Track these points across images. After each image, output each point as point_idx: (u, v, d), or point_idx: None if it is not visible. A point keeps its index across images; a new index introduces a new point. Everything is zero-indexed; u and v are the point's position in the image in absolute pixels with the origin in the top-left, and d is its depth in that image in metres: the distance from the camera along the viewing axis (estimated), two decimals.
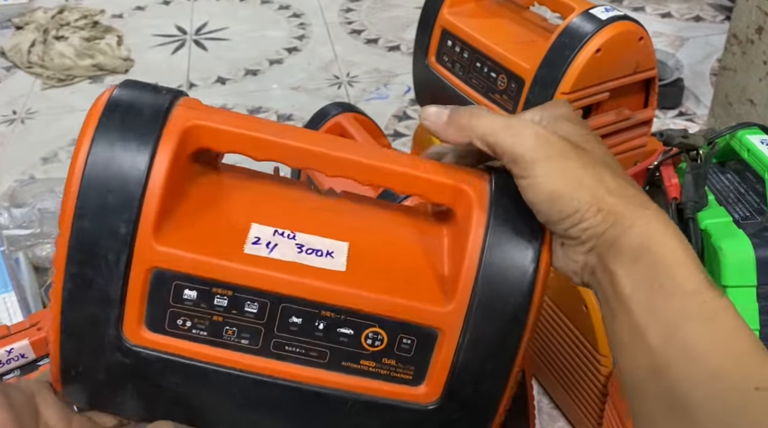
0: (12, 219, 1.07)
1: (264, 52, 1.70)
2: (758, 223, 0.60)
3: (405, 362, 0.40)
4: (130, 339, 0.38)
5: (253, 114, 1.47)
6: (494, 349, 0.39)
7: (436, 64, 0.92)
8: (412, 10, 1.84)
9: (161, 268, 0.37)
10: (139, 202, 0.36)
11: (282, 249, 0.39)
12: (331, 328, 0.39)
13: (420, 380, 0.40)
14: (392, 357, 0.39)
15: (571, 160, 0.36)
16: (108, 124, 0.37)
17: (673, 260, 0.34)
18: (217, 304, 0.38)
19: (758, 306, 0.58)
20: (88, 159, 0.37)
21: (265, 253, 0.39)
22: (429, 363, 0.40)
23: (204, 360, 0.38)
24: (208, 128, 0.39)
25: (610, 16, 0.75)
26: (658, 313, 0.34)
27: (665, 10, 1.80)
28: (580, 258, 0.38)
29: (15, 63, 1.69)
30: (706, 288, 0.34)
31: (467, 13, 0.90)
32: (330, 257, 0.40)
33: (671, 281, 0.34)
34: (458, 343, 0.39)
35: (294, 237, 0.40)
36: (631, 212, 0.35)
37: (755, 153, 0.62)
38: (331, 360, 0.39)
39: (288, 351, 0.39)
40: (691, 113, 1.39)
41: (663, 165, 0.65)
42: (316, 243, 0.40)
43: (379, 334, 0.39)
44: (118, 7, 1.93)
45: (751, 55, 1.14)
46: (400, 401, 0.40)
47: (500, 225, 0.39)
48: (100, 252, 0.36)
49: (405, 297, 0.39)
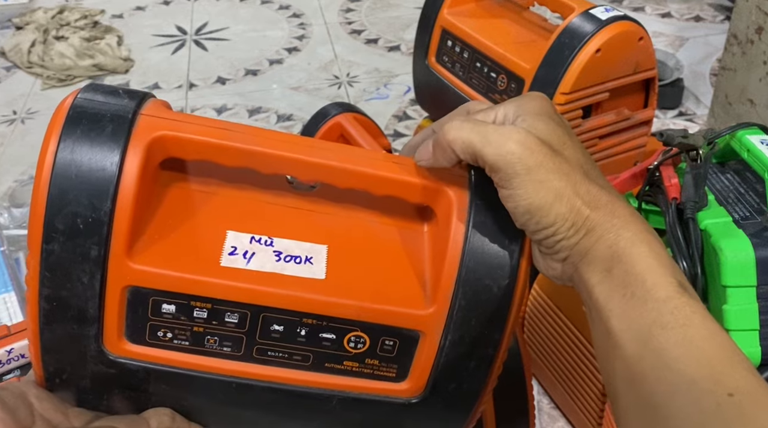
0: (12, 219, 1.07)
1: (264, 52, 1.70)
2: (758, 223, 0.60)
3: (388, 361, 0.40)
4: (111, 352, 0.37)
5: (253, 114, 1.47)
6: (475, 348, 0.39)
7: (436, 64, 0.92)
8: (412, 10, 1.84)
9: (137, 286, 0.36)
10: (109, 222, 0.35)
11: (260, 259, 0.38)
12: (313, 334, 0.39)
13: (403, 377, 0.40)
14: (375, 358, 0.40)
15: (550, 171, 0.36)
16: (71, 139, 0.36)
17: (643, 267, 0.34)
18: (197, 316, 0.38)
19: (758, 306, 0.58)
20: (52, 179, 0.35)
21: (243, 265, 0.38)
22: (411, 361, 0.40)
23: (187, 368, 0.38)
24: (175, 138, 0.37)
25: (609, 16, 0.75)
26: (632, 322, 0.34)
27: (665, 10, 1.80)
28: (557, 265, 0.38)
29: (15, 63, 1.69)
30: (678, 294, 0.34)
31: (467, 14, 0.90)
32: (309, 263, 0.39)
33: (642, 289, 0.34)
34: (440, 344, 0.39)
35: (271, 243, 0.39)
36: (603, 223, 0.36)
37: (755, 153, 0.62)
38: (314, 362, 0.39)
39: (271, 356, 0.39)
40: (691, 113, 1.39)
41: (663, 165, 0.65)
42: (294, 249, 0.39)
43: (361, 338, 0.39)
44: (118, 8, 1.93)
45: (751, 55, 1.14)
46: (383, 396, 0.41)
47: (480, 228, 0.39)
48: (72, 275, 0.36)
49: (386, 301, 0.39)
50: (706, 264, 0.60)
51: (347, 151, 0.40)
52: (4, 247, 0.95)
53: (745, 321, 0.58)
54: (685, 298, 0.34)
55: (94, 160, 0.35)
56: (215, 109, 1.49)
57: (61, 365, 0.38)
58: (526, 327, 0.84)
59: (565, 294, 0.72)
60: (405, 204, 0.41)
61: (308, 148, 0.39)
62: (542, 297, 0.78)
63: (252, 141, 0.38)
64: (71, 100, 0.37)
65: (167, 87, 1.58)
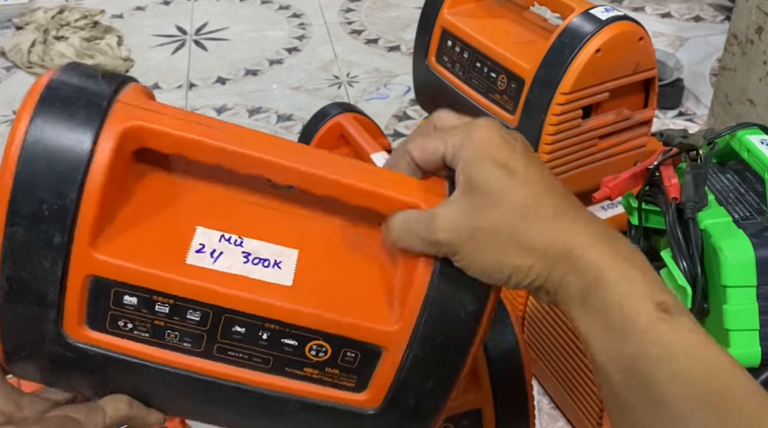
0: None
1: (264, 52, 1.70)
2: (758, 223, 0.60)
3: (348, 372, 0.39)
4: (71, 336, 0.37)
5: (253, 114, 1.47)
6: (436, 369, 0.39)
7: (436, 64, 0.92)
8: (412, 10, 1.84)
9: (99, 276, 0.36)
10: (75, 210, 0.34)
11: (227, 259, 0.37)
12: (275, 339, 0.38)
13: (362, 388, 0.40)
14: (336, 367, 0.39)
15: (488, 237, 0.35)
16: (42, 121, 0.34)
17: (618, 295, 0.34)
18: (158, 311, 0.37)
19: (758, 306, 0.58)
20: (20, 160, 0.34)
21: (209, 264, 0.37)
22: (372, 374, 0.39)
23: (145, 359, 0.38)
24: (149, 130, 0.36)
25: (609, 16, 0.75)
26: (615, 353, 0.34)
27: (665, 10, 1.80)
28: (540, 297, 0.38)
29: (15, 63, 1.69)
30: (659, 320, 0.33)
31: (467, 14, 0.90)
32: (277, 268, 0.38)
33: (621, 320, 0.33)
34: (402, 361, 0.39)
35: (241, 243, 0.38)
36: (561, 258, 0.35)
37: (755, 153, 0.62)
38: (274, 365, 0.39)
39: (231, 355, 0.38)
40: (691, 113, 1.39)
41: (663, 165, 0.65)
42: (263, 251, 0.38)
43: (323, 347, 0.39)
44: (118, 8, 1.93)
45: (750, 55, 1.15)
46: (341, 405, 0.40)
47: None
48: (34, 259, 0.35)
49: (351, 314, 0.38)
50: (706, 264, 0.60)
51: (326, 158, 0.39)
52: None
53: (745, 321, 0.57)
54: (666, 325, 0.33)
55: (64, 145, 0.34)
56: (215, 109, 1.49)
57: (20, 343, 0.37)
58: (526, 327, 0.84)
59: None
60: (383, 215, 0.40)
61: (285, 151, 0.38)
62: None
63: (228, 139, 0.37)
64: (46, 80, 0.35)
65: (167, 87, 1.58)
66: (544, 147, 0.77)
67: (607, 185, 0.69)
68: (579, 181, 0.82)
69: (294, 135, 1.38)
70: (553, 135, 0.76)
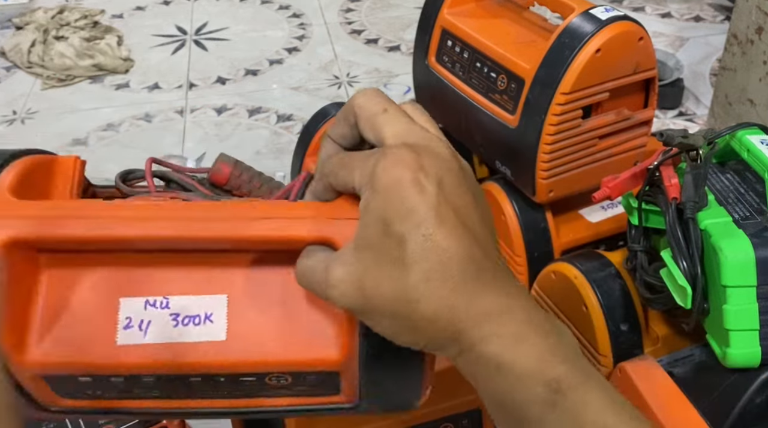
0: None
1: (264, 52, 1.70)
2: (758, 223, 0.60)
3: (316, 386, 0.40)
4: (49, 406, 0.39)
5: (253, 114, 1.47)
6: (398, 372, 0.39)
7: (436, 65, 0.92)
8: (412, 10, 1.84)
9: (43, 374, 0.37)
10: None
11: (156, 328, 0.37)
12: (233, 379, 0.38)
13: (336, 392, 0.40)
14: (303, 385, 0.39)
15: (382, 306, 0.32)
16: None
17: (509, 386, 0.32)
18: (113, 383, 0.37)
19: (758, 306, 0.58)
20: None
21: (140, 339, 0.36)
22: (339, 385, 0.40)
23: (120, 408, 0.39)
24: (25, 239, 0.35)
25: (609, 16, 0.75)
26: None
27: (665, 10, 1.80)
28: None
29: (15, 63, 1.69)
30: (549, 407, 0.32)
31: (467, 14, 0.90)
32: (209, 322, 0.37)
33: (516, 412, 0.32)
34: (359, 376, 0.38)
35: (167, 305, 0.37)
36: (453, 341, 0.33)
37: (755, 153, 0.62)
38: (243, 393, 0.39)
39: (201, 395, 0.39)
40: (691, 113, 1.39)
41: (663, 165, 0.65)
42: (192, 307, 0.37)
43: (282, 376, 0.39)
44: (118, 8, 1.93)
45: (750, 55, 1.15)
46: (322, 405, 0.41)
47: None
48: None
49: (293, 351, 0.37)
50: (706, 264, 0.60)
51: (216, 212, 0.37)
52: None
53: (745, 321, 0.57)
54: (556, 413, 0.32)
55: None
56: (215, 109, 1.49)
57: None
58: None
59: (565, 294, 0.72)
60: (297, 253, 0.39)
61: (168, 219, 0.36)
62: (542, 297, 0.78)
63: (95, 225, 0.35)
64: None
65: (167, 87, 1.58)
66: (544, 147, 0.77)
67: (607, 185, 0.69)
68: (579, 181, 0.82)
69: (294, 135, 1.38)
70: (553, 135, 0.76)
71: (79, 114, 1.51)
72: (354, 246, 0.34)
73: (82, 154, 1.36)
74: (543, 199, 0.82)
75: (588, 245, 0.87)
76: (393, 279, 0.32)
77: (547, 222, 0.85)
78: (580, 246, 0.87)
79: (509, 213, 0.85)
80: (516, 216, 0.85)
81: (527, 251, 0.84)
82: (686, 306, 0.59)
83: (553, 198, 0.82)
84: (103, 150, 1.38)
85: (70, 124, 1.47)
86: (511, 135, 0.80)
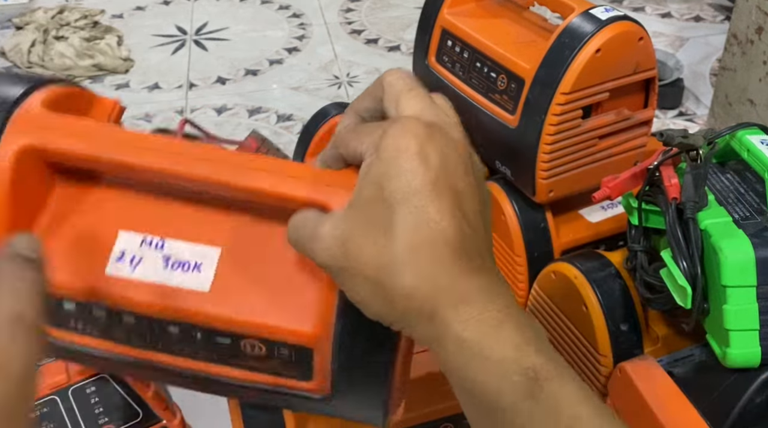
0: None
1: (264, 52, 1.71)
2: (758, 223, 0.60)
3: (288, 365, 0.39)
4: None
5: (253, 114, 1.47)
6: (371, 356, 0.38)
7: (436, 64, 0.92)
8: (412, 10, 1.84)
9: None
10: None
11: (146, 266, 0.38)
12: (208, 338, 0.38)
13: (307, 378, 0.40)
14: (275, 360, 0.39)
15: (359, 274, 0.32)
16: None
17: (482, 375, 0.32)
18: (96, 316, 0.38)
19: (758, 306, 0.58)
20: None
21: (128, 273, 0.37)
22: (312, 367, 0.39)
23: (100, 350, 0.39)
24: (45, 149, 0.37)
25: (609, 16, 0.75)
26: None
27: (665, 10, 1.80)
28: None
29: (15, 63, 1.69)
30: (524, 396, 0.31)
31: (467, 14, 0.90)
32: (197, 271, 0.38)
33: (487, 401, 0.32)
34: (332, 356, 0.38)
35: (162, 246, 0.38)
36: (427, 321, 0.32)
37: (755, 153, 0.63)
38: (217, 357, 0.39)
39: (175, 349, 0.39)
40: (691, 113, 1.39)
41: (663, 165, 0.65)
42: (184, 252, 0.38)
43: (257, 344, 0.38)
44: (118, 8, 1.93)
45: (750, 55, 1.15)
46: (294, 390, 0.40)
47: None
48: None
49: (271, 317, 0.38)
50: (706, 264, 0.60)
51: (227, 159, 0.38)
52: None
53: (745, 321, 0.58)
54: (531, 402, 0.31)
55: None
56: (215, 108, 1.49)
57: None
58: None
59: (566, 294, 0.72)
60: None
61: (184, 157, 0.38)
62: (542, 297, 0.78)
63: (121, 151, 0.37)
64: None
65: (167, 87, 1.58)
66: (544, 147, 0.77)
67: (607, 185, 0.69)
68: (579, 181, 0.82)
69: (294, 135, 1.38)
70: (553, 135, 0.76)
71: None
72: (347, 206, 0.34)
73: None
74: (543, 198, 0.82)
75: (588, 245, 0.87)
76: (378, 245, 0.32)
77: (547, 222, 0.85)
78: (580, 246, 0.87)
79: (509, 213, 0.85)
80: (516, 216, 0.85)
81: (527, 251, 0.84)
82: (686, 306, 0.59)
83: (553, 198, 0.82)
84: None
85: None
86: (510, 135, 0.80)
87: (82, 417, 0.65)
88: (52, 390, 0.64)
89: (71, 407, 0.64)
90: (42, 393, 0.64)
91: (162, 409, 0.67)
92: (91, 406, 0.65)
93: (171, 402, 0.70)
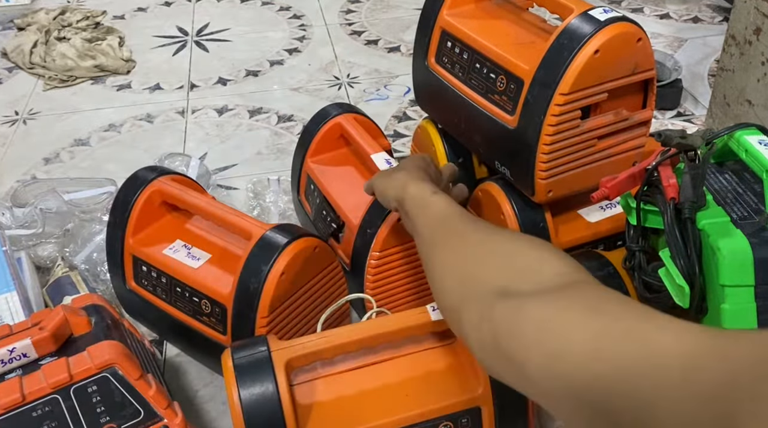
0: (14, 219, 1.07)
1: (265, 53, 1.71)
2: (756, 223, 0.60)
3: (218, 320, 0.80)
4: (128, 285, 0.88)
5: (253, 115, 1.47)
6: None
7: (436, 65, 0.92)
8: (412, 12, 1.85)
9: (134, 255, 0.86)
10: (125, 224, 0.86)
11: (178, 254, 0.84)
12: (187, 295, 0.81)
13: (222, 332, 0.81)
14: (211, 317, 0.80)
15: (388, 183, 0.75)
16: None
17: (419, 199, 0.68)
18: (153, 274, 0.85)
19: (756, 305, 0.58)
20: None
21: (171, 254, 0.84)
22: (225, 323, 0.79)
23: (150, 301, 0.86)
24: (164, 192, 0.87)
25: (608, 17, 0.75)
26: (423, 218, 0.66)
27: (664, 11, 1.80)
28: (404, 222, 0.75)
29: (17, 64, 1.69)
30: (432, 196, 0.67)
31: (467, 15, 0.90)
32: (196, 260, 0.82)
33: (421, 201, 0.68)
34: None
35: (190, 249, 0.84)
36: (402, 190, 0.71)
37: (753, 153, 0.63)
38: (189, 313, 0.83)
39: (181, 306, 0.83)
40: (690, 114, 1.39)
41: (661, 165, 0.65)
42: (196, 253, 0.83)
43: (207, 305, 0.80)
44: (119, 9, 1.94)
45: (749, 55, 1.15)
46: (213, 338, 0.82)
47: None
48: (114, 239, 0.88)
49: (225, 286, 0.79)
50: (704, 264, 0.60)
51: None
52: (6, 247, 0.96)
53: (744, 320, 0.58)
54: (435, 197, 0.66)
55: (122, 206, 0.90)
56: (216, 109, 1.50)
57: None
58: None
59: None
60: None
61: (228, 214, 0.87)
62: None
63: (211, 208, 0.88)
64: None
65: (168, 88, 1.59)
66: (543, 147, 0.77)
67: (606, 185, 0.69)
68: (578, 181, 0.82)
69: (294, 135, 1.38)
70: (552, 135, 0.77)
71: (80, 114, 1.51)
72: None
73: (84, 154, 1.36)
74: (542, 199, 0.82)
75: (587, 245, 0.87)
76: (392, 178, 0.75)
77: (546, 222, 0.85)
78: (579, 246, 0.87)
79: (508, 213, 0.85)
80: (515, 216, 0.85)
81: None
82: (684, 305, 0.59)
83: (552, 198, 0.82)
84: (104, 150, 1.38)
85: (71, 124, 1.47)
86: (510, 135, 0.80)
87: (83, 416, 0.65)
88: (54, 389, 0.64)
89: (73, 406, 0.65)
90: (43, 392, 0.64)
91: (163, 408, 0.68)
92: (92, 405, 0.65)
93: (172, 401, 0.70)
